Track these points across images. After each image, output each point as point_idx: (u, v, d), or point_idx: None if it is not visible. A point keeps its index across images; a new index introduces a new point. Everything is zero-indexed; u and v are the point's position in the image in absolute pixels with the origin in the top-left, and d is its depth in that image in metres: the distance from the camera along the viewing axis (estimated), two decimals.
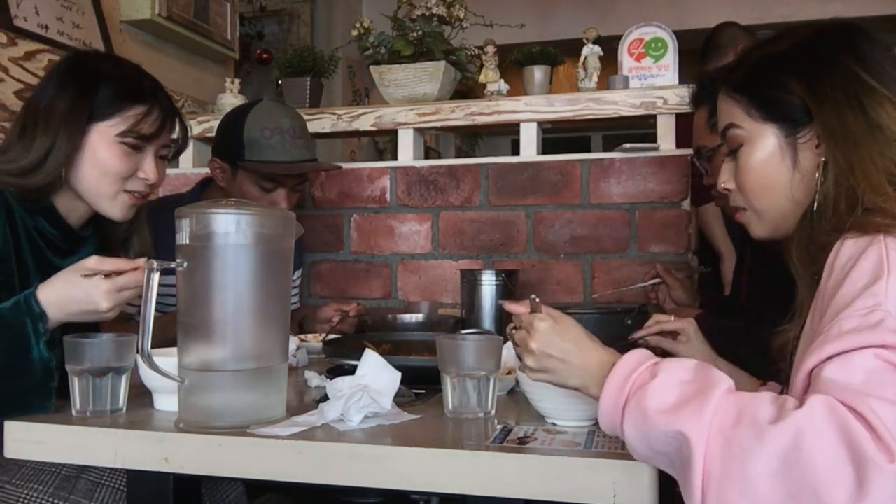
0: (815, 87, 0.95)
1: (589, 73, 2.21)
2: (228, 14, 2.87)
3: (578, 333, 0.94)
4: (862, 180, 0.88)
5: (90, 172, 1.31)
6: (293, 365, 1.47)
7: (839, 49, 0.96)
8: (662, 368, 0.82)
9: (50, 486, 1.20)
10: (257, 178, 1.81)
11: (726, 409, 0.74)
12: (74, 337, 1.08)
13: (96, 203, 1.34)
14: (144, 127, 1.33)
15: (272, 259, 1.06)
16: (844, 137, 0.91)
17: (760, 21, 4.93)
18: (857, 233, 0.85)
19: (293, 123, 1.84)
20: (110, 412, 1.08)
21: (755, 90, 1.01)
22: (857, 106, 0.92)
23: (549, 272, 2.18)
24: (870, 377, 0.72)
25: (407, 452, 0.92)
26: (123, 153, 1.32)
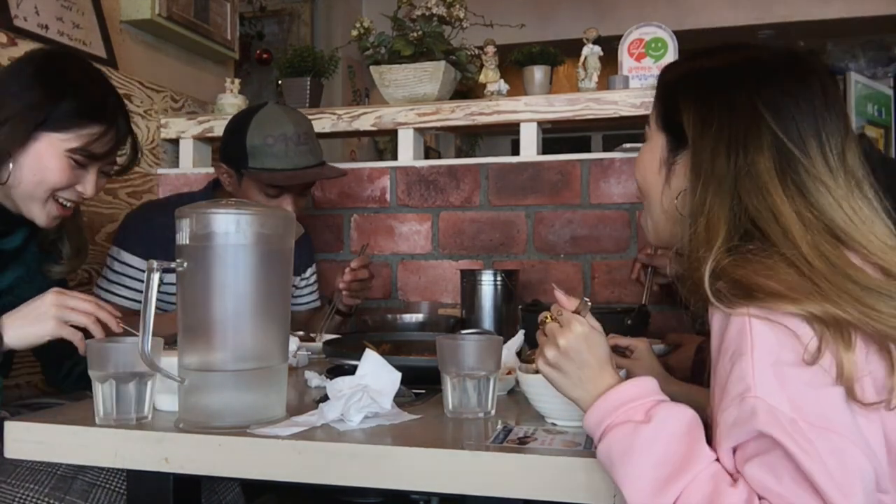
0: (705, 119, 0.91)
1: (589, 73, 2.21)
2: (228, 14, 2.87)
3: (605, 353, 0.92)
4: (708, 223, 0.86)
5: (29, 176, 1.31)
6: (293, 365, 1.47)
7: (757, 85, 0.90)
8: (658, 413, 0.82)
9: (46, 486, 1.20)
10: (262, 186, 1.80)
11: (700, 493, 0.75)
12: (98, 341, 1.08)
13: (25, 205, 1.35)
14: (97, 147, 1.34)
15: (272, 259, 1.05)
16: (708, 176, 0.88)
17: (760, 21, 4.93)
18: (717, 302, 0.82)
19: (297, 129, 1.82)
20: (136, 419, 1.04)
21: (664, 97, 1.00)
22: (739, 150, 0.87)
23: (549, 272, 2.18)
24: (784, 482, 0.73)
25: (407, 452, 0.92)
26: (69, 167, 1.33)
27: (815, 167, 0.86)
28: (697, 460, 0.77)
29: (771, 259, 0.82)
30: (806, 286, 0.79)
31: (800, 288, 0.79)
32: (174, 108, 2.60)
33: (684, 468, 0.77)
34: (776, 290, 0.78)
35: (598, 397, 0.87)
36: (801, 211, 0.84)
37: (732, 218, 0.86)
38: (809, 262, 0.81)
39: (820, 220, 0.84)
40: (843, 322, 0.76)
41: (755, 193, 0.85)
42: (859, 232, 0.84)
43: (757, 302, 0.78)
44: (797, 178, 0.85)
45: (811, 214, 0.84)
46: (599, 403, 0.86)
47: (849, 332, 0.76)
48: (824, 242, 0.83)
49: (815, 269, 0.80)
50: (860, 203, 0.86)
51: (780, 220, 0.83)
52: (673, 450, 0.78)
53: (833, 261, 0.81)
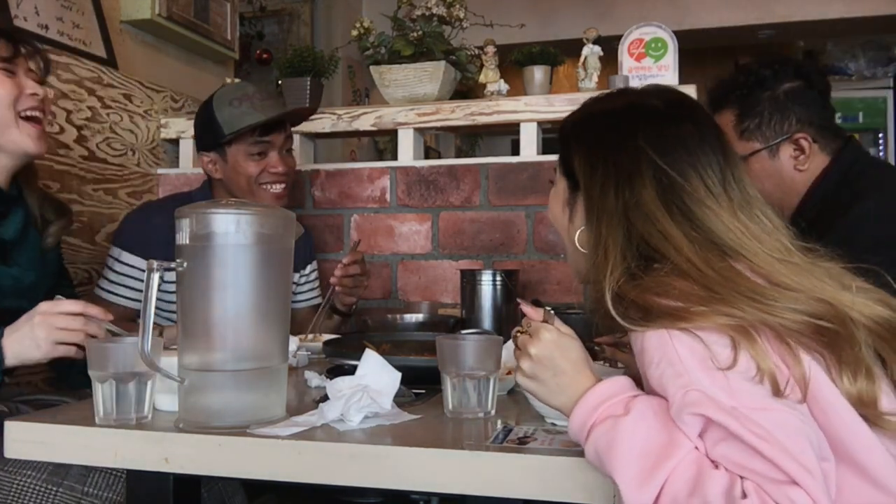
0: (592, 161, 1.00)
1: (589, 73, 2.21)
2: (228, 14, 2.87)
3: (579, 356, 0.94)
4: (605, 253, 0.93)
5: None
6: (293, 365, 1.47)
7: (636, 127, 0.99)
8: (636, 405, 0.84)
9: (43, 472, 1.22)
10: (246, 150, 1.84)
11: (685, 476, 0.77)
12: (99, 342, 1.08)
13: (6, 139, 1.38)
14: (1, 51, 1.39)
15: (272, 259, 1.05)
16: (600, 212, 0.96)
17: (760, 21, 4.92)
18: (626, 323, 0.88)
19: (257, 87, 1.89)
20: (136, 419, 1.04)
21: (562, 144, 1.07)
22: (625, 186, 0.95)
23: (549, 272, 2.17)
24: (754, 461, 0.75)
25: (407, 452, 0.92)
26: (3, 77, 1.38)
27: (698, 192, 0.94)
28: (679, 447, 0.79)
29: (664, 276, 0.88)
30: (700, 293, 0.85)
31: (695, 296, 0.85)
32: (174, 108, 2.60)
33: (668, 454, 0.79)
34: (674, 309, 0.84)
35: (577, 401, 0.88)
36: (689, 231, 0.92)
37: (626, 245, 0.93)
38: (700, 270, 0.88)
39: (707, 237, 0.92)
40: (746, 324, 0.82)
41: (644, 221, 0.93)
42: (745, 247, 0.92)
43: (661, 322, 0.84)
44: (681, 204, 0.93)
45: (697, 234, 0.92)
46: (579, 407, 0.88)
47: (754, 332, 0.82)
48: (712, 256, 0.90)
49: (706, 276, 0.87)
50: (747, 221, 0.94)
51: (671, 241, 0.91)
52: (654, 438, 0.80)
53: (721, 271, 0.88)
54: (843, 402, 0.83)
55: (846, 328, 0.85)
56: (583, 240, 1.01)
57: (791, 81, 1.58)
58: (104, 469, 1.23)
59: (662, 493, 0.77)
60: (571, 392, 0.90)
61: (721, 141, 0.99)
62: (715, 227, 0.92)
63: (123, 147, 2.34)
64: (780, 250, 0.92)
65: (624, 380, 0.89)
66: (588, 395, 0.88)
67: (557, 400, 0.92)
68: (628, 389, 0.88)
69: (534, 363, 0.93)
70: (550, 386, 0.92)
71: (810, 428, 0.79)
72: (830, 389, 0.83)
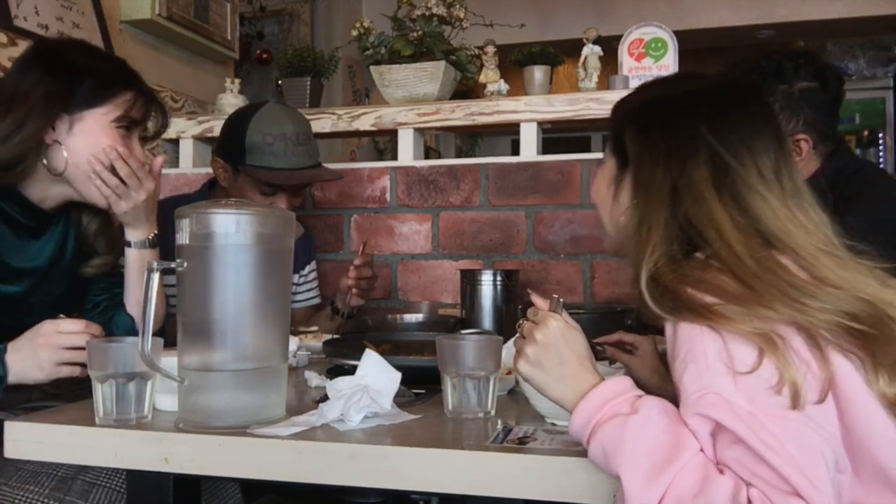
0: (645, 137, 0.99)
1: (589, 73, 2.21)
2: (228, 14, 2.87)
3: (584, 350, 0.93)
4: (649, 231, 0.93)
5: (86, 155, 1.35)
6: (293, 365, 1.47)
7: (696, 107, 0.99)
8: (642, 406, 0.84)
9: (46, 488, 1.20)
10: (258, 183, 1.80)
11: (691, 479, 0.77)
12: (100, 341, 1.08)
13: (86, 187, 1.38)
14: (135, 112, 1.40)
15: (272, 259, 1.05)
16: (647, 188, 0.96)
17: (760, 21, 4.93)
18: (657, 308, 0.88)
19: (297, 129, 1.82)
20: (136, 419, 1.04)
21: (614, 123, 1.08)
22: (676, 164, 0.94)
23: (549, 272, 2.17)
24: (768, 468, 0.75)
25: (407, 452, 0.92)
26: (119, 136, 1.38)
27: (750, 178, 0.93)
28: (686, 449, 0.79)
29: (703, 268, 0.88)
30: (737, 290, 0.85)
31: (730, 293, 0.84)
32: (174, 108, 2.60)
33: (674, 456, 0.78)
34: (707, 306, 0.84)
35: (582, 397, 0.88)
36: (735, 216, 0.91)
37: (670, 225, 0.93)
38: (741, 260, 0.87)
39: (753, 225, 0.91)
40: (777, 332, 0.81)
41: (692, 202, 0.92)
42: (792, 238, 0.91)
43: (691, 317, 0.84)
44: (732, 187, 0.92)
45: (744, 220, 0.91)
46: (584, 405, 0.87)
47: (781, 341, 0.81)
48: (756, 245, 0.89)
49: (745, 267, 0.86)
50: (796, 212, 0.93)
51: (716, 224, 0.90)
52: (661, 439, 0.80)
53: (763, 261, 0.87)
54: (876, 406, 0.82)
55: (885, 328, 0.84)
56: (627, 218, 1.00)
57: (809, 81, 1.58)
58: (107, 485, 1.22)
59: (667, 493, 0.76)
60: (573, 384, 0.90)
61: (777, 129, 0.98)
62: (763, 214, 0.91)
63: None
64: (826, 243, 0.91)
65: (626, 380, 0.89)
66: (593, 393, 0.87)
67: (557, 390, 0.91)
68: (631, 389, 0.88)
69: (538, 349, 0.92)
70: (553, 374, 0.92)
71: (826, 441, 0.78)
72: (863, 393, 0.82)
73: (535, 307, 0.99)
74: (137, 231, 1.45)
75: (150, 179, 1.41)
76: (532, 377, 0.94)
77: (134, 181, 1.37)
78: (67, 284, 1.49)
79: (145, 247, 1.46)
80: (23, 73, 1.37)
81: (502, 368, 1.14)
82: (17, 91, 1.33)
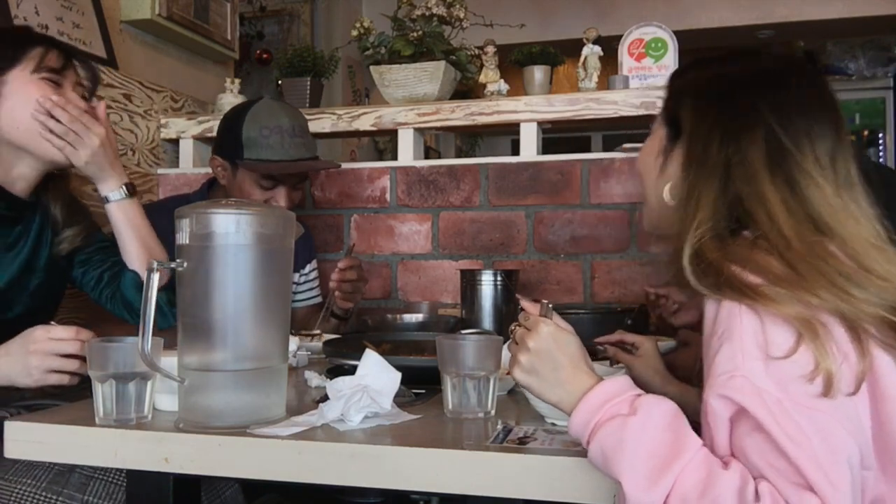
0: (702, 110, 0.97)
1: (589, 73, 2.21)
2: (228, 14, 2.87)
3: (577, 352, 0.93)
4: (697, 205, 0.91)
5: (21, 112, 1.38)
6: (293, 365, 1.47)
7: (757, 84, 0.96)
8: (642, 405, 0.83)
9: (43, 481, 1.21)
10: (256, 177, 1.82)
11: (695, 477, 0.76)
12: (100, 341, 1.08)
13: (36, 145, 1.40)
14: (51, 62, 1.42)
15: (272, 259, 1.05)
16: (700, 162, 0.93)
17: (760, 21, 4.92)
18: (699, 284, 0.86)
19: (292, 122, 1.84)
20: (136, 419, 1.04)
21: (670, 94, 1.06)
22: (732, 140, 0.92)
23: (549, 272, 2.17)
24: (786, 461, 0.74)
25: (407, 452, 0.92)
26: (47, 87, 1.40)
27: (807, 163, 0.90)
28: (687, 447, 0.79)
29: (749, 247, 0.87)
30: (782, 272, 0.83)
31: (776, 275, 0.82)
32: (174, 108, 2.60)
33: (676, 455, 0.78)
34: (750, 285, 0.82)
35: (580, 399, 0.87)
36: (787, 199, 0.88)
37: (719, 201, 0.91)
38: (788, 242, 0.85)
39: (805, 210, 0.89)
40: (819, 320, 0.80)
41: (744, 180, 0.90)
42: (843, 227, 0.88)
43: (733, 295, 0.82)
44: (787, 170, 0.90)
45: (796, 204, 0.88)
46: (582, 406, 0.87)
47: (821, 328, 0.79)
48: (806, 230, 0.87)
49: (793, 250, 0.84)
50: (848, 202, 0.91)
51: (766, 206, 0.88)
52: (662, 438, 0.80)
53: (813, 246, 0.85)
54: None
55: None
56: (674, 191, 0.98)
57: None
58: (104, 478, 1.22)
59: (671, 495, 0.76)
60: (570, 387, 0.90)
61: (837, 115, 0.95)
62: (815, 200, 0.89)
63: (123, 147, 2.34)
64: (875, 236, 0.89)
65: (625, 379, 0.89)
66: (591, 394, 0.87)
67: (555, 394, 0.91)
68: (630, 388, 0.87)
69: (532, 357, 0.93)
70: (549, 380, 0.91)
71: (853, 435, 0.76)
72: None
73: (526, 312, 0.98)
74: (107, 182, 1.46)
75: (98, 124, 1.42)
76: (528, 384, 0.94)
77: (79, 126, 1.39)
78: (44, 276, 1.50)
79: (122, 197, 1.47)
80: None
81: (502, 368, 1.14)
82: None
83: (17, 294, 1.45)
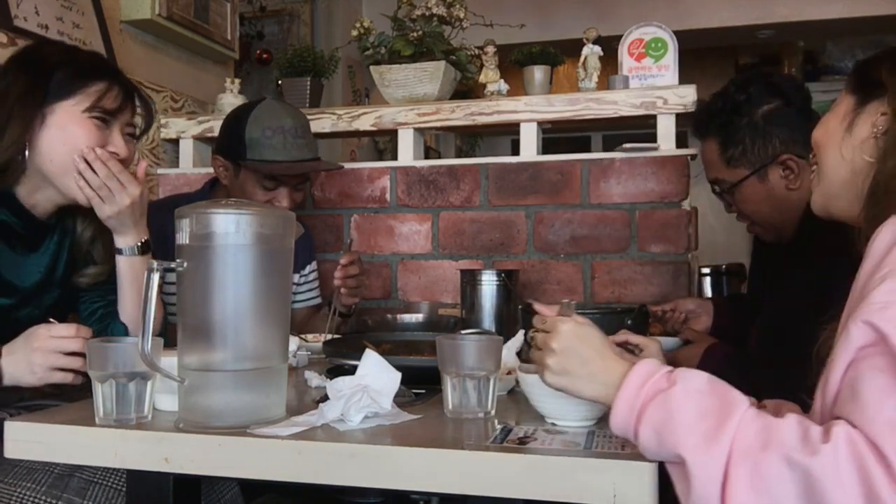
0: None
1: (589, 73, 2.21)
2: (228, 14, 2.87)
3: (601, 342, 0.93)
4: None
5: (59, 148, 1.34)
6: (293, 365, 1.47)
7: None
8: (679, 377, 0.83)
9: (43, 485, 1.20)
10: (259, 177, 1.82)
11: (752, 430, 0.75)
12: (99, 341, 1.08)
13: (63, 182, 1.36)
14: (108, 102, 1.37)
15: (272, 259, 1.05)
16: None
17: (760, 21, 4.92)
18: None
19: (295, 123, 1.85)
20: (136, 419, 1.04)
21: (861, 68, 1.05)
22: None
23: (549, 272, 2.17)
24: None
25: (407, 452, 0.92)
26: (93, 127, 1.36)
27: None
28: (736, 404, 0.78)
29: None
30: None
31: None
32: (174, 108, 2.60)
33: (728, 413, 0.77)
34: None
35: (618, 389, 0.86)
36: None
37: None
38: None
39: None
40: None
41: None
42: None
43: None
44: None
45: None
46: (622, 393, 0.86)
47: None
48: None
49: None
50: None
51: None
52: (708, 401, 0.79)
53: None
54: None
55: None
56: (866, 149, 0.98)
57: (768, 102, 1.57)
58: (104, 483, 1.22)
59: (733, 451, 0.74)
60: (604, 378, 0.89)
61: None
62: None
63: None
64: None
65: (652, 360, 0.88)
66: (628, 380, 0.86)
67: (592, 389, 0.91)
68: (661, 366, 0.87)
69: (559, 357, 0.92)
70: (581, 376, 0.91)
71: None
72: None
73: (541, 315, 0.98)
74: (126, 237, 1.43)
75: (135, 184, 1.38)
76: (562, 385, 0.93)
77: (115, 184, 1.35)
78: (58, 295, 1.49)
79: (135, 253, 1.44)
80: (1, 78, 1.37)
81: (502, 368, 1.14)
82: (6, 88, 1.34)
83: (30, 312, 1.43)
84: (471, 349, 1.07)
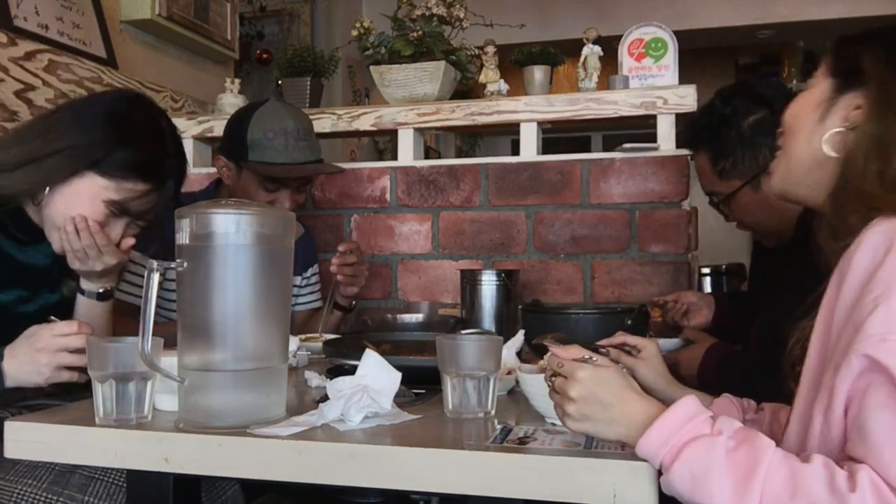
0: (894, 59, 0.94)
1: (589, 73, 2.21)
2: (228, 14, 2.87)
3: (620, 383, 0.92)
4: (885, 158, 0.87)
5: (61, 207, 1.34)
6: (293, 365, 1.47)
7: None
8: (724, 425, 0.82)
9: (44, 482, 1.20)
10: (260, 179, 1.83)
11: (780, 478, 0.75)
12: (100, 341, 1.08)
13: (47, 228, 1.37)
14: (135, 205, 1.36)
15: (272, 259, 1.05)
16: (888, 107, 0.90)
17: (760, 21, 4.93)
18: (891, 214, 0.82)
19: (297, 125, 1.85)
20: (136, 419, 1.04)
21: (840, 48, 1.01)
22: None
23: (549, 272, 2.17)
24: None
25: (407, 452, 0.92)
26: (101, 213, 1.35)
27: None
28: (764, 451, 0.78)
29: None
30: None
31: None
32: (174, 108, 2.60)
33: (756, 462, 0.77)
34: None
35: (646, 424, 0.85)
36: None
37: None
38: None
39: None
40: None
41: None
42: None
43: None
44: None
45: None
46: (656, 428, 0.85)
47: None
48: None
49: None
50: None
51: None
52: (743, 450, 0.79)
53: None
54: None
55: None
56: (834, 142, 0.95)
57: (754, 113, 1.57)
58: (105, 479, 1.22)
59: (763, 501, 0.75)
60: (626, 421, 0.88)
61: None
62: None
63: None
64: None
65: (694, 399, 0.87)
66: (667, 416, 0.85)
67: (614, 432, 0.89)
68: (704, 409, 0.86)
69: (578, 405, 0.91)
70: (602, 420, 0.90)
71: None
72: None
73: (557, 357, 0.96)
74: (90, 283, 1.43)
75: (114, 256, 1.36)
76: (584, 431, 0.92)
77: (94, 252, 1.34)
78: (60, 296, 1.49)
79: (93, 298, 1.43)
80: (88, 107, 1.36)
81: (502, 368, 1.14)
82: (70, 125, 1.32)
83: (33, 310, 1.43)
84: (471, 349, 1.07)
